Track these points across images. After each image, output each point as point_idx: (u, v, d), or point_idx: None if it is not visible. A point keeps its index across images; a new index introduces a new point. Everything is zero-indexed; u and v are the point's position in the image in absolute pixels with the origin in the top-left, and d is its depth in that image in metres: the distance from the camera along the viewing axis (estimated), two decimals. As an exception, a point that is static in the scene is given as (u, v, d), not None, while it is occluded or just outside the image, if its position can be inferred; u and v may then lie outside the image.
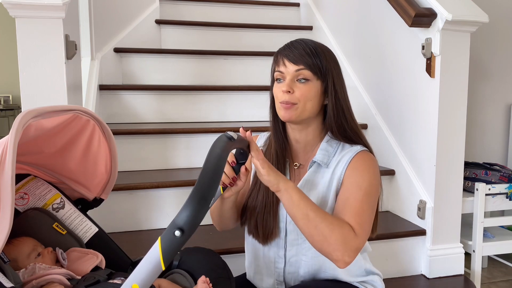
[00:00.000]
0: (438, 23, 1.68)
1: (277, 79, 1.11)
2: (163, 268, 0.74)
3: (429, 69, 1.75)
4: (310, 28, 2.96)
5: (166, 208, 1.79)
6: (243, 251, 1.30)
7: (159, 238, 0.73)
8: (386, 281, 1.24)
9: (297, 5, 3.17)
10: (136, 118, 2.30)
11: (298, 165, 1.17)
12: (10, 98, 4.96)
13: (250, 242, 1.21)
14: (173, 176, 1.91)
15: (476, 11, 1.70)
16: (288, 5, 3.18)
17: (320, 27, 2.84)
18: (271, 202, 1.13)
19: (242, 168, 1.03)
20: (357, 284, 1.16)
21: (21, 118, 0.81)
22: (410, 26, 1.73)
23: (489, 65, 2.52)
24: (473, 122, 2.47)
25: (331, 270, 1.13)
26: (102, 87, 2.24)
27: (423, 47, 1.76)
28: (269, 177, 0.98)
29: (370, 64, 2.25)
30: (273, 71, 1.13)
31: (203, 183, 0.75)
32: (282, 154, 1.16)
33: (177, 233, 0.72)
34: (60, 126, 1.03)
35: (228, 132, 0.89)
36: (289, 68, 1.07)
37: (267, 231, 1.13)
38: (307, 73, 1.06)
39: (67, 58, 1.46)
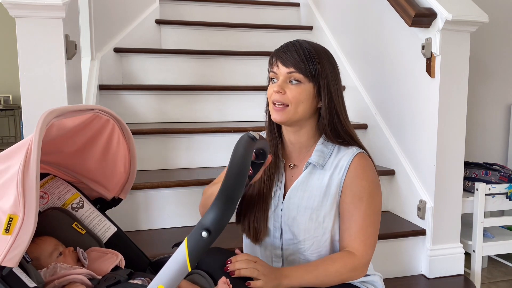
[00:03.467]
0: (438, 23, 1.68)
1: (271, 79, 1.12)
2: (190, 269, 0.73)
3: (429, 69, 1.75)
4: (310, 28, 2.96)
5: (166, 208, 1.79)
6: (243, 251, 1.30)
7: (186, 239, 0.73)
8: (386, 281, 1.24)
9: (297, 5, 3.17)
10: (136, 118, 2.30)
11: (292, 165, 1.17)
12: (10, 98, 4.95)
13: (248, 243, 1.22)
14: (174, 176, 1.91)
15: (476, 11, 1.70)
16: (288, 5, 3.18)
17: (320, 27, 2.84)
18: (263, 205, 1.15)
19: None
20: (357, 284, 1.16)
21: (44, 117, 0.81)
22: (410, 26, 1.73)
23: (489, 65, 2.52)
24: (473, 122, 2.47)
25: None
26: (102, 87, 2.24)
27: (423, 47, 1.76)
28: (267, 285, 1.01)
29: (370, 64, 2.25)
30: (268, 71, 1.14)
31: (229, 184, 0.75)
32: (275, 153, 1.17)
33: (204, 234, 0.71)
34: (80, 125, 1.03)
35: (250, 132, 0.90)
36: (281, 70, 1.08)
37: (256, 231, 1.15)
38: (298, 75, 1.07)
39: (67, 58, 1.46)
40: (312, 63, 1.07)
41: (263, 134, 1.25)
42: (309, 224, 1.10)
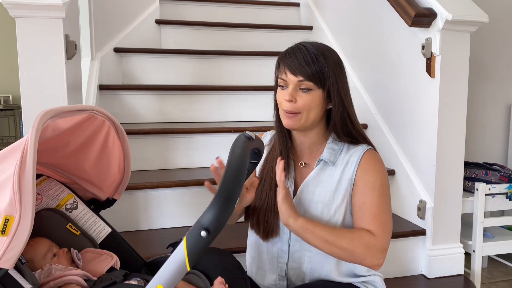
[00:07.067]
0: (438, 23, 1.68)
1: (280, 86, 1.12)
2: (188, 269, 0.73)
3: (429, 69, 1.75)
4: (310, 28, 2.96)
5: (166, 208, 1.79)
6: (244, 251, 1.30)
7: (184, 238, 0.73)
8: (386, 281, 1.24)
9: (297, 5, 3.17)
10: (136, 118, 2.30)
11: (304, 164, 1.19)
12: (10, 98, 4.95)
13: (253, 237, 1.22)
14: (173, 176, 1.91)
15: (476, 11, 1.70)
16: (288, 5, 3.18)
17: (320, 27, 2.84)
18: (273, 202, 1.15)
19: (255, 181, 1.08)
20: (358, 284, 1.16)
21: (40, 118, 0.81)
22: (410, 26, 1.73)
23: (489, 65, 2.52)
24: (473, 122, 2.47)
25: (333, 268, 1.14)
26: (102, 87, 2.24)
27: (423, 47, 1.76)
28: (281, 206, 1.05)
29: (370, 64, 2.25)
30: (276, 76, 1.14)
31: (227, 183, 0.75)
32: (286, 154, 1.18)
33: (203, 233, 0.71)
34: (75, 126, 1.03)
35: (247, 132, 0.91)
36: (290, 78, 1.08)
37: (267, 229, 1.16)
38: (308, 83, 1.07)
39: (67, 58, 1.46)
40: (320, 70, 1.07)
41: (269, 134, 1.28)
42: (320, 218, 1.12)
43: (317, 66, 1.07)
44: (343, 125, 1.13)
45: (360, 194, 1.11)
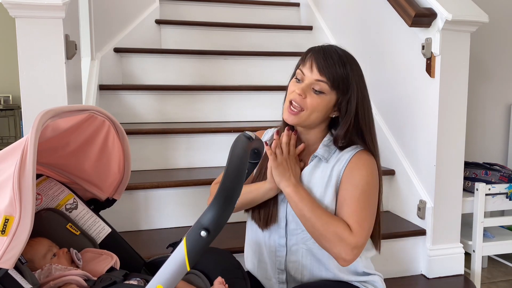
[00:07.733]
0: (438, 23, 1.68)
1: (296, 78, 1.13)
2: (188, 269, 0.73)
3: (429, 69, 1.75)
4: (310, 28, 2.96)
5: (166, 208, 1.79)
6: (243, 251, 1.30)
7: (184, 238, 0.73)
8: (386, 281, 1.24)
9: (297, 5, 3.17)
10: (136, 118, 2.30)
11: (299, 160, 1.20)
12: (10, 98, 4.95)
13: (253, 231, 1.23)
14: (173, 176, 1.91)
15: (476, 11, 1.70)
16: (288, 5, 3.18)
17: (320, 27, 2.84)
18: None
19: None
20: (358, 284, 1.16)
21: (40, 118, 0.81)
22: (410, 26, 1.73)
23: (489, 65, 2.52)
24: (473, 122, 2.47)
25: (332, 264, 1.14)
26: (102, 87, 2.24)
27: (423, 47, 1.76)
28: (275, 170, 1.11)
29: (370, 64, 2.25)
30: (297, 67, 1.15)
31: (227, 183, 0.75)
32: None
33: (203, 233, 0.71)
34: (75, 126, 1.03)
35: (246, 132, 0.92)
36: (312, 75, 1.09)
37: (266, 216, 1.17)
38: (325, 86, 1.09)
39: (67, 58, 1.46)
40: (347, 82, 1.10)
41: (271, 130, 1.30)
42: None
43: (345, 76, 1.09)
44: (347, 136, 1.13)
45: (343, 190, 1.11)
